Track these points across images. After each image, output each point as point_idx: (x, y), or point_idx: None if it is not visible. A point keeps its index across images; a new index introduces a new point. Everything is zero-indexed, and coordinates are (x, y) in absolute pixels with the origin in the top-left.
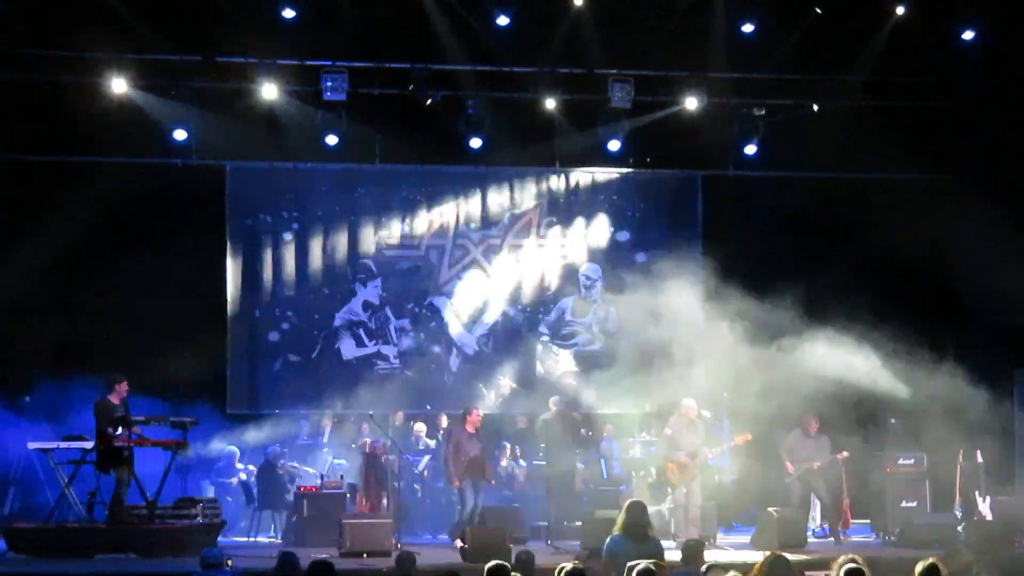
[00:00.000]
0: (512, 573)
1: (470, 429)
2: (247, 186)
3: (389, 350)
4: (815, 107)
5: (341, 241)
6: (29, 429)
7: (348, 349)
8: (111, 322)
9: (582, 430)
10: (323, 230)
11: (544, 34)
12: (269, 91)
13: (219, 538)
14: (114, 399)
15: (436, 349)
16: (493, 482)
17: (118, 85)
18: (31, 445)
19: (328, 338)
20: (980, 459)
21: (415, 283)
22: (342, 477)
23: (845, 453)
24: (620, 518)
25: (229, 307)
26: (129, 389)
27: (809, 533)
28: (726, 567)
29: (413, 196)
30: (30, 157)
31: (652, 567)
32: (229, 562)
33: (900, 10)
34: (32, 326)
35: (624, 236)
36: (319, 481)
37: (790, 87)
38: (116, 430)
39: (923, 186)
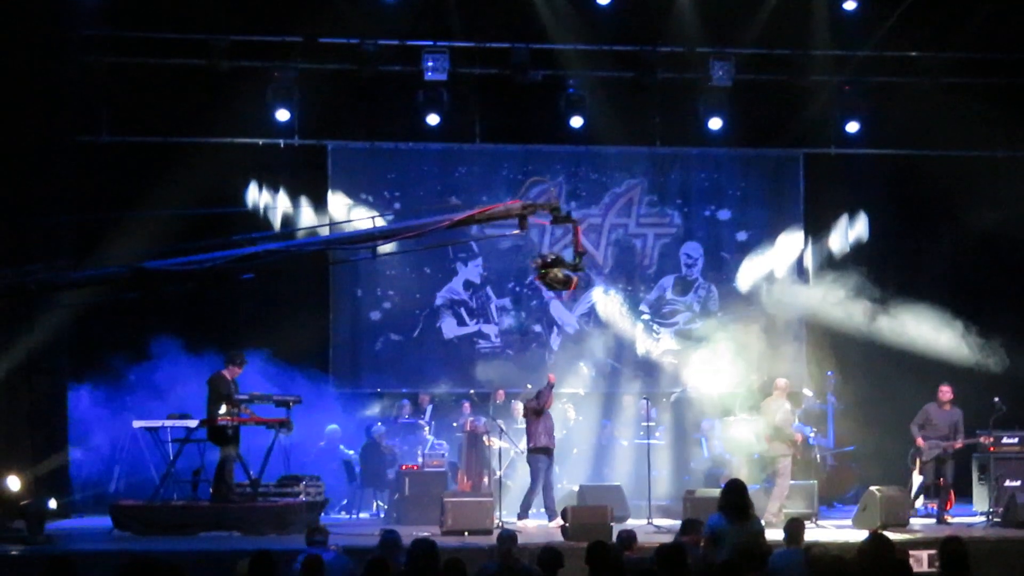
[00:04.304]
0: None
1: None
2: (349, 166)
3: (490, 329)
4: (919, 84)
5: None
6: (135, 407)
7: (449, 328)
8: (215, 301)
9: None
10: (424, 210)
11: (645, 13)
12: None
13: (321, 516)
14: (228, 375)
15: (537, 328)
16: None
17: (222, 66)
18: (136, 423)
19: (429, 317)
20: None
21: (516, 262)
22: (444, 456)
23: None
24: (721, 497)
25: (331, 286)
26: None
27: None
28: (828, 546)
29: (514, 175)
30: (137, 139)
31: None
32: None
33: None
34: (137, 306)
35: (725, 215)
36: (420, 460)
37: (892, 64)
38: (220, 408)
39: None
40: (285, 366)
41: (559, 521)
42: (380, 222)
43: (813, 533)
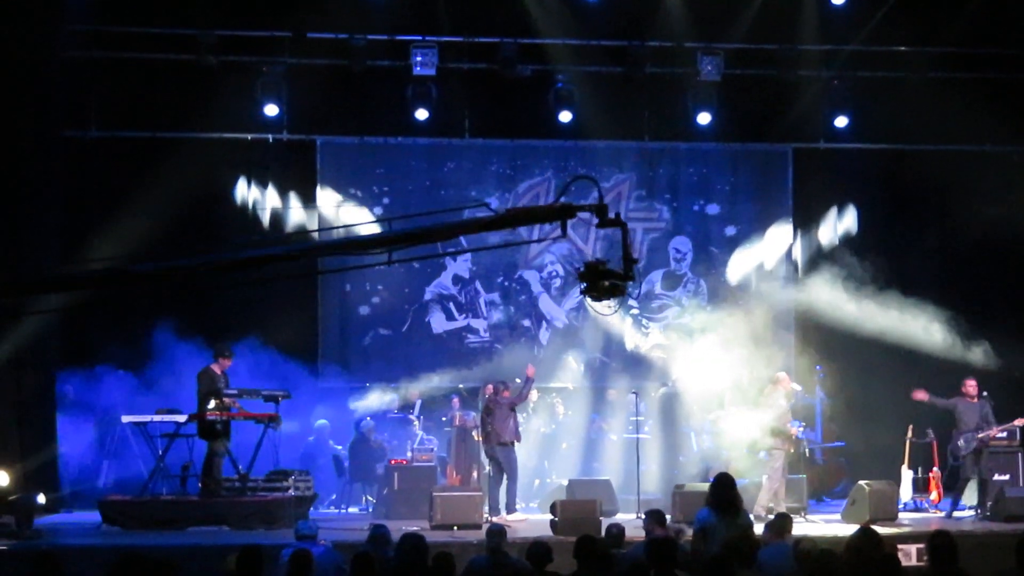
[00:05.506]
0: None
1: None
2: (337, 161)
3: (479, 323)
4: (907, 79)
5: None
6: (123, 402)
7: (438, 323)
8: (204, 296)
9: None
10: (413, 204)
11: (633, 7)
12: None
13: (311, 510)
14: (217, 369)
15: (526, 322)
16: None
17: (210, 61)
18: (125, 418)
19: (418, 312)
20: None
21: (505, 257)
22: (433, 451)
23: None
24: (710, 492)
25: (320, 282)
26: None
27: (900, 506)
28: (817, 540)
29: (503, 170)
30: (125, 134)
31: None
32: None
33: None
34: (125, 300)
35: (714, 209)
36: (409, 454)
37: (881, 59)
38: (209, 403)
39: (1018, 159)
40: (274, 362)
41: (506, 516)
42: (372, 228)
43: (802, 527)
